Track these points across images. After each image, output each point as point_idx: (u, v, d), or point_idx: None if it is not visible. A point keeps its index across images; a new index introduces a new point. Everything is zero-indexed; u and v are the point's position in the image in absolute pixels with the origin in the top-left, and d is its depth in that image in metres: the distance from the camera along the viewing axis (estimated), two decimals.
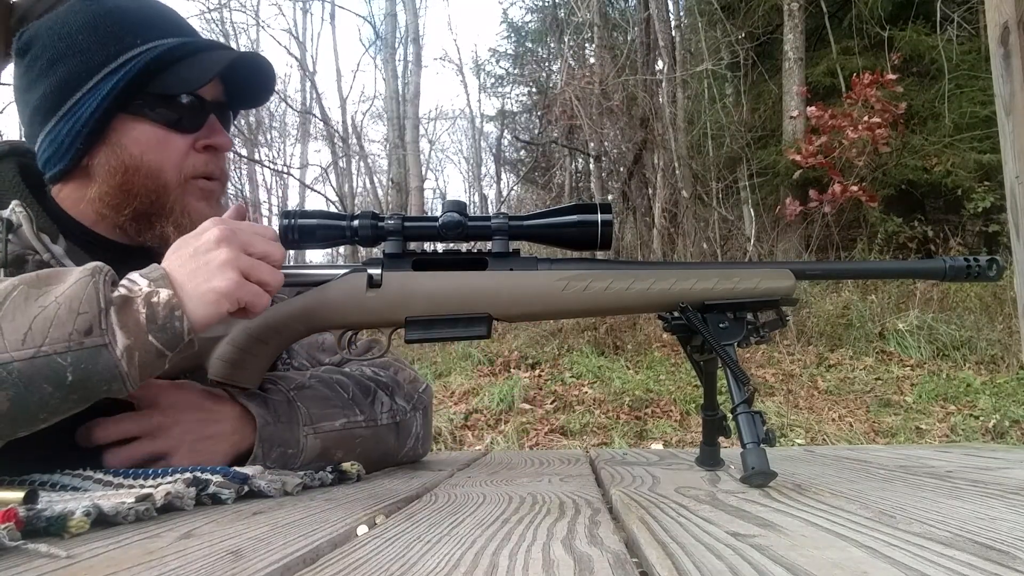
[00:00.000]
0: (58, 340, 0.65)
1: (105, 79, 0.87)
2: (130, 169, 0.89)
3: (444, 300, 0.85)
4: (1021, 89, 1.82)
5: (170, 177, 0.90)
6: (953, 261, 0.91)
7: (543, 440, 4.58)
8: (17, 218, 0.85)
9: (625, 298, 0.87)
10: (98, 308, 0.67)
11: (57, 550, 0.45)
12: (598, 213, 0.86)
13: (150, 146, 0.89)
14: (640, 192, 8.45)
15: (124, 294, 0.70)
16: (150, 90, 0.89)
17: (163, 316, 0.70)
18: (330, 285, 0.87)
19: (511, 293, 0.86)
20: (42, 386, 0.65)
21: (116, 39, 0.88)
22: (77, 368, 0.66)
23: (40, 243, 0.85)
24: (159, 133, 0.90)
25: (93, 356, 0.66)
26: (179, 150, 0.91)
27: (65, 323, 0.66)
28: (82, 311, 0.66)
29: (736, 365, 0.82)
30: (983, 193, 6.76)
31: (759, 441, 0.77)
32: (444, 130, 22.63)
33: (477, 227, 0.86)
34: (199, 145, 0.93)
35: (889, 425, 4.54)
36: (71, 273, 0.70)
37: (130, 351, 0.68)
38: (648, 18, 8.48)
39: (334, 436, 0.93)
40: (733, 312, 0.87)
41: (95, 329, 0.66)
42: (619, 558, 0.43)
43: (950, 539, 0.47)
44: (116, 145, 0.89)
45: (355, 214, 0.87)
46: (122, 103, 0.88)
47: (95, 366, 0.66)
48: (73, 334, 0.66)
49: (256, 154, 13.13)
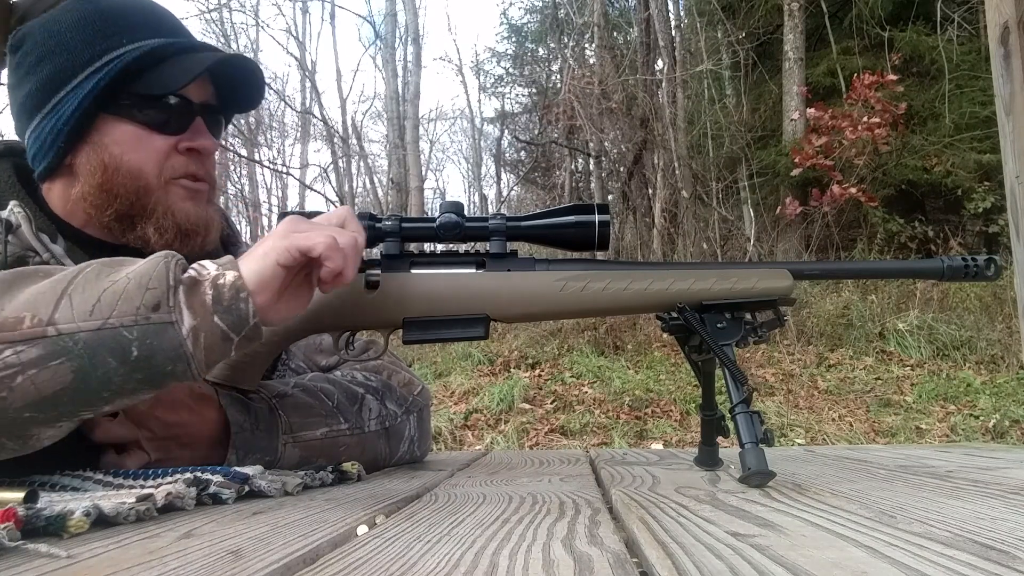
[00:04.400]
0: (126, 313, 0.65)
1: (88, 78, 0.86)
2: (110, 168, 0.88)
3: (442, 301, 0.85)
4: (1021, 89, 1.82)
5: (151, 178, 0.90)
6: (951, 261, 0.91)
7: (543, 440, 4.58)
8: (16, 218, 0.85)
9: (623, 298, 0.87)
10: (167, 285, 0.67)
11: (57, 550, 0.45)
12: (595, 214, 0.86)
13: (130, 146, 0.89)
14: (640, 192, 8.45)
15: (193, 276, 0.70)
16: (132, 90, 0.88)
17: (228, 297, 0.69)
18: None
19: (509, 294, 0.86)
20: (106, 359, 0.65)
21: (103, 38, 0.88)
22: (143, 343, 0.65)
23: (40, 243, 0.85)
24: (140, 133, 0.89)
25: (159, 332, 0.66)
26: (160, 151, 0.90)
27: (133, 297, 0.66)
28: (151, 287, 0.66)
29: (734, 365, 0.81)
30: (983, 193, 6.76)
31: (757, 441, 0.77)
32: (444, 130, 22.61)
33: (475, 228, 0.86)
34: (182, 147, 0.92)
35: (889, 425, 4.54)
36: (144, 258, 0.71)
37: (196, 332, 0.67)
38: (648, 18, 8.48)
39: (315, 445, 0.93)
40: (731, 312, 0.87)
41: (163, 305, 0.66)
42: (619, 558, 0.43)
43: (950, 539, 0.47)
44: (98, 144, 0.88)
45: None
46: (104, 102, 0.87)
47: (160, 343, 0.66)
48: (141, 308, 0.65)
49: (256, 154, 13.14)
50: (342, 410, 0.98)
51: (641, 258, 7.36)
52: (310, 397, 0.96)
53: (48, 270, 0.70)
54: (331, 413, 0.96)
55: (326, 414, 0.96)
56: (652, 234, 7.69)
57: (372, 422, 1.01)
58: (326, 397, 0.97)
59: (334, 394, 0.99)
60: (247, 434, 0.87)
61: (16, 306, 0.65)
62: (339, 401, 0.98)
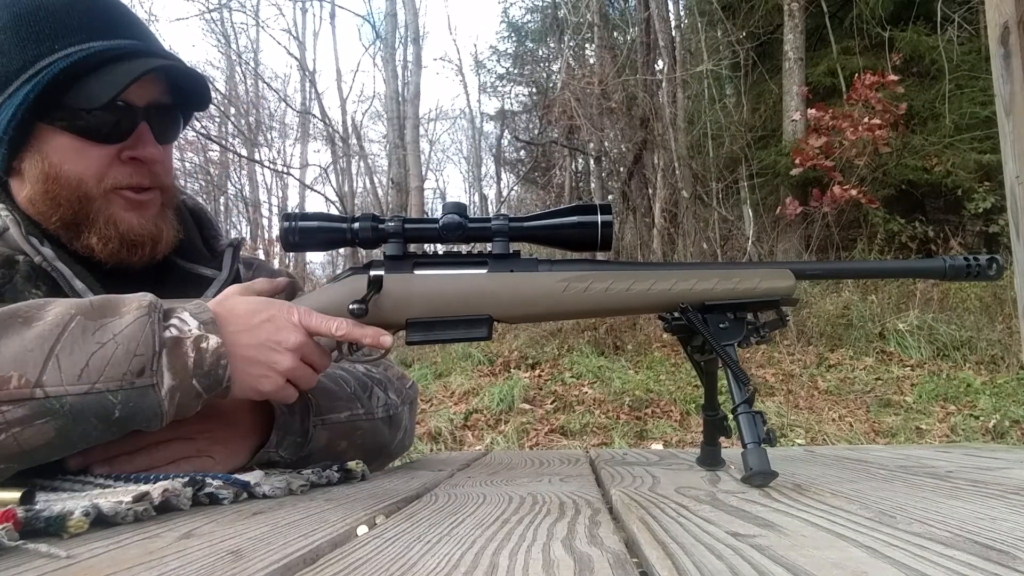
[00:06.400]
0: (112, 379, 0.67)
1: (21, 86, 0.83)
2: (50, 178, 0.86)
3: (445, 302, 0.85)
4: (1021, 89, 1.82)
5: (91, 188, 0.87)
6: (953, 260, 0.91)
7: (543, 440, 4.58)
8: (3, 222, 0.85)
9: (626, 299, 0.87)
10: (152, 352, 0.69)
11: (57, 550, 0.45)
12: (598, 214, 0.86)
13: (68, 156, 0.86)
14: (640, 192, 8.45)
15: (176, 335, 0.71)
16: (64, 102, 0.84)
17: (209, 363, 0.72)
18: (331, 287, 0.87)
19: (512, 294, 0.86)
20: (89, 420, 0.67)
21: (35, 42, 0.84)
22: (125, 406, 0.68)
23: (30, 246, 0.84)
24: (77, 144, 0.86)
25: (141, 395, 0.69)
26: (100, 161, 0.87)
27: (120, 363, 0.68)
28: (138, 353, 0.69)
29: (736, 365, 0.81)
30: (984, 194, 6.76)
31: (760, 441, 0.77)
32: (444, 130, 22.65)
33: (477, 228, 0.86)
34: (124, 156, 0.88)
35: (889, 425, 4.54)
36: (125, 305, 0.71)
37: (173, 391, 0.70)
38: (648, 18, 8.48)
39: (340, 428, 0.96)
40: (733, 312, 0.86)
41: (147, 371, 0.69)
42: (619, 558, 0.43)
43: (950, 539, 0.47)
44: (38, 152, 0.86)
45: (355, 216, 0.86)
46: (39, 112, 0.84)
47: (141, 404, 0.69)
48: (127, 374, 0.68)
49: (256, 154, 13.13)
50: (358, 396, 1.01)
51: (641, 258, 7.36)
52: (331, 383, 0.98)
53: (27, 314, 0.68)
54: (350, 398, 0.99)
55: (347, 399, 0.98)
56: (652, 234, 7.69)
57: (379, 409, 1.04)
58: (344, 383, 1.00)
59: (350, 381, 1.01)
60: (286, 417, 0.88)
61: (2, 363, 0.65)
62: (355, 388, 1.01)
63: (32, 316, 0.68)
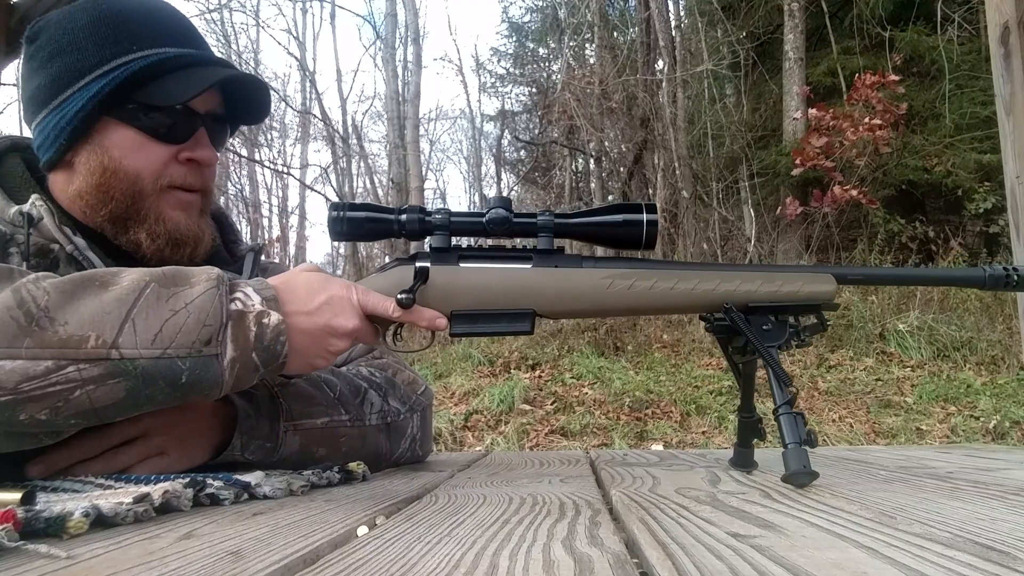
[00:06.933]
0: (182, 346, 0.70)
1: (96, 80, 0.87)
2: (108, 171, 0.89)
3: (490, 295, 0.85)
4: (1021, 89, 1.82)
5: (147, 184, 0.91)
6: (992, 270, 0.90)
7: (543, 441, 4.58)
8: (38, 211, 0.87)
9: (669, 298, 0.87)
10: (220, 323, 0.72)
11: (57, 551, 0.45)
12: (643, 213, 0.86)
13: (130, 151, 0.90)
14: (640, 192, 8.45)
15: (240, 309, 0.74)
16: (137, 97, 0.89)
17: (269, 338, 0.75)
18: (377, 277, 0.87)
19: (556, 290, 0.86)
20: (158, 383, 0.70)
21: (114, 42, 0.89)
22: (192, 373, 0.71)
23: (63, 235, 0.87)
24: (141, 140, 0.90)
25: (206, 364, 0.71)
26: (159, 159, 0.91)
27: (191, 332, 0.71)
28: (207, 323, 0.71)
29: (779, 367, 0.81)
30: (984, 194, 6.76)
31: (800, 441, 0.78)
32: (444, 130, 22.65)
33: (523, 223, 0.86)
34: (182, 156, 0.93)
35: (889, 426, 4.54)
36: (195, 276, 0.74)
37: (233, 363, 0.73)
38: (648, 18, 8.49)
39: (316, 433, 0.94)
40: (775, 315, 0.87)
41: (213, 341, 0.72)
42: (619, 559, 0.43)
43: (950, 540, 0.47)
44: (98, 145, 0.89)
45: (402, 208, 0.87)
46: (108, 106, 0.88)
47: (205, 373, 0.71)
48: (196, 343, 0.71)
49: (256, 154, 13.14)
50: (344, 401, 0.99)
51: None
52: (312, 387, 0.97)
53: (103, 278, 0.71)
54: (332, 404, 0.97)
55: (327, 404, 0.97)
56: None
57: (373, 416, 1.02)
58: (328, 388, 0.99)
59: (336, 385, 1.00)
60: (251, 420, 0.88)
61: (80, 322, 0.67)
62: (341, 393, 0.99)
63: (108, 281, 0.71)
